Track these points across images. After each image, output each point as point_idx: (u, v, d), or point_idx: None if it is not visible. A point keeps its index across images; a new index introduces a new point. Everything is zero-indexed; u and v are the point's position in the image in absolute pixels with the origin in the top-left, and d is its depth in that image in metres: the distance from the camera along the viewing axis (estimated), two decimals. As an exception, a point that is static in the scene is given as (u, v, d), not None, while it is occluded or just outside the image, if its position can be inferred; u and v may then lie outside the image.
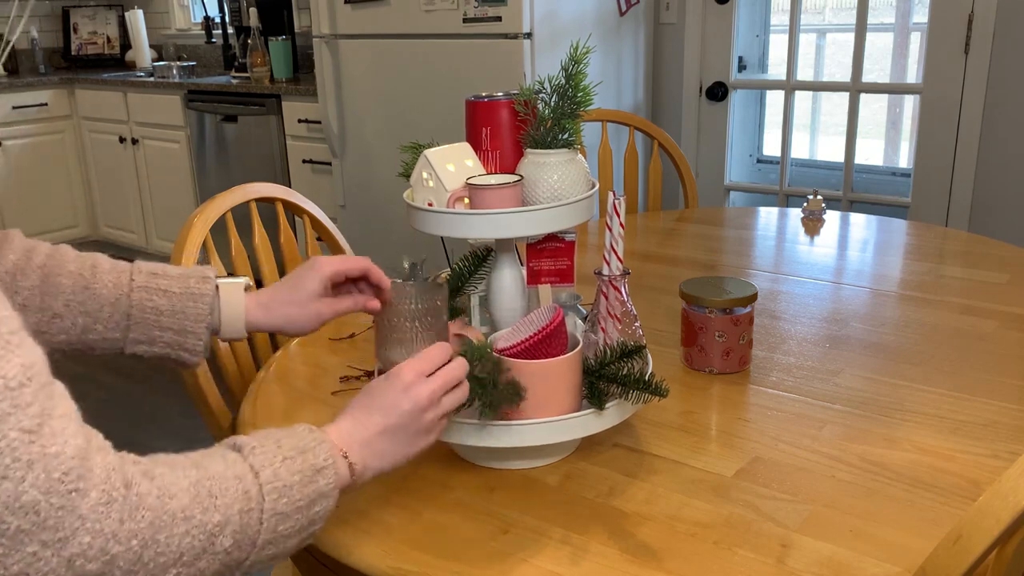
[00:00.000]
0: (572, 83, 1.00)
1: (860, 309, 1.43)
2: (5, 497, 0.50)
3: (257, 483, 0.66)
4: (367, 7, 2.94)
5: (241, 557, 0.65)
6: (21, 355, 0.52)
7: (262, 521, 0.65)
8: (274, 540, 0.67)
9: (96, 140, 4.47)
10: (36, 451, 0.51)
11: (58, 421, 0.53)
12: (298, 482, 0.68)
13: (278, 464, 0.68)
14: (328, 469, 0.71)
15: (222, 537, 0.62)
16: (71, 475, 0.53)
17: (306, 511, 0.69)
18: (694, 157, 3.19)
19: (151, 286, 0.88)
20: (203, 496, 0.62)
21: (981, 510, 0.62)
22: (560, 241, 1.05)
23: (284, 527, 0.67)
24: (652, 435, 1.05)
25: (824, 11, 3.39)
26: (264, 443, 0.69)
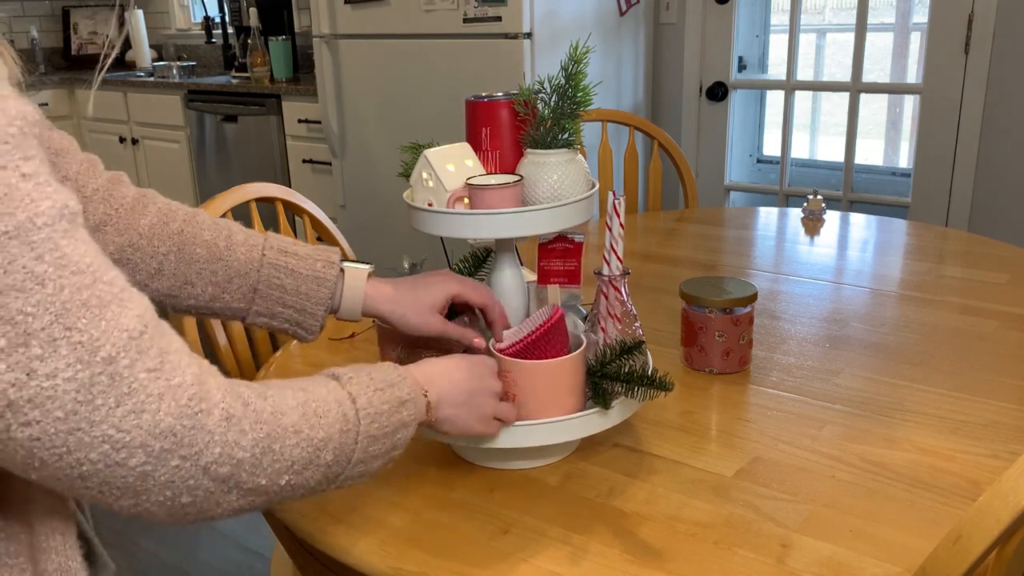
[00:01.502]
0: (572, 83, 1.00)
1: (860, 309, 1.43)
2: (148, 426, 0.59)
3: (354, 408, 0.75)
4: (367, 7, 2.94)
5: (338, 471, 0.73)
6: (134, 307, 0.60)
7: (357, 441, 0.74)
8: (364, 459, 0.75)
9: (96, 140, 4.46)
10: (163, 385, 0.60)
11: (174, 356, 0.62)
12: (387, 410, 0.77)
13: (371, 393, 0.77)
14: (411, 402, 0.80)
15: (325, 452, 0.71)
16: (195, 399, 0.61)
17: (391, 436, 0.77)
18: (694, 157, 3.19)
19: (280, 264, 0.96)
20: (310, 415, 0.71)
21: (981, 510, 0.62)
22: (569, 242, 1.05)
23: (374, 448, 0.76)
24: (652, 435, 1.05)
25: (824, 11, 3.39)
26: (358, 375, 0.78)
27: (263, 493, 0.68)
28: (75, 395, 0.56)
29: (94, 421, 0.57)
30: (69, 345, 0.56)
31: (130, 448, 0.59)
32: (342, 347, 1.35)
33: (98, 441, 0.58)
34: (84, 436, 0.57)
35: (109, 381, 0.57)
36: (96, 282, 0.58)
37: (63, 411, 0.56)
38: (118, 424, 0.58)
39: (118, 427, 0.58)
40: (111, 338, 0.58)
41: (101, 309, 0.58)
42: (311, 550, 0.93)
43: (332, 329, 1.42)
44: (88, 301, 0.57)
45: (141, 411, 0.59)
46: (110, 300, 0.59)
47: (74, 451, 0.57)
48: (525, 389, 0.92)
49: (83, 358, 0.56)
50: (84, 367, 0.56)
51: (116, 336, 0.58)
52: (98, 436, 0.57)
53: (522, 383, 0.92)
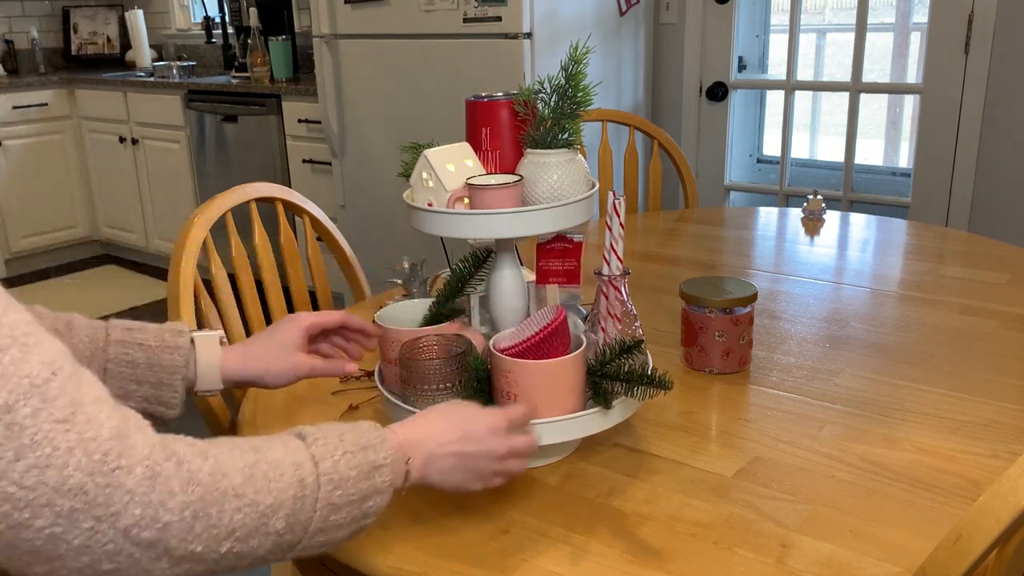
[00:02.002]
0: (572, 83, 1.00)
1: (860, 309, 1.43)
2: (54, 483, 0.54)
3: (315, 472, 0.68)
4: (367, 7, 2.94)
5: (293, 540, 0.67)
6: (40, 352, 0.56)
7: (316, 509, 0.68)
8: (325, 529, 0.69)
9: (96, 140, 4.46)
10: (73, 438, 0.55)
11: (91, 407, 0.57)
12: (354, 476, 0.71)
13: (338, 456, 0.70)
14: (386, 468, 0.73)
15: (275, 519, 0.65)
16: (111, 455, 0.57)
17: (359, 505, 0.71)
18: (694, 157, 3.19)
19: (127, 340, 0.90)
20: (258, 478, 0.65)
21: (981, 510, 0.62)
22: (568, 242, 1.05)
23: (336, 518, 0.69)
24: (652, 435, 1.05)
25: (824, 11, 3.39)
26: (327, 435, 0.72)
27: (200, 561, 0.62)
28: None
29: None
30: None
31: (34, 507, 0.54)
32: (342, 347, 1.35)
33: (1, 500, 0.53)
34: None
35: (6, 431, 0.53)
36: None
37: None
38: (19, 480, 0.53)
39: (19, 483, 0.53)
40: (8, 383, 0.53)
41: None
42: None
43: (332, 329, 1.42)
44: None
45: (46, 465, 0.54)
46: (8, 344, 0.54)
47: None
48: (527, 389, 0.92)
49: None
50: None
51: (15, 382, 0.54)
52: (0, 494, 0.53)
53: (523, 383, 0.92)
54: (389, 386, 1.04)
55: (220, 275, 1.43)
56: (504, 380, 0.93)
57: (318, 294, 1.63)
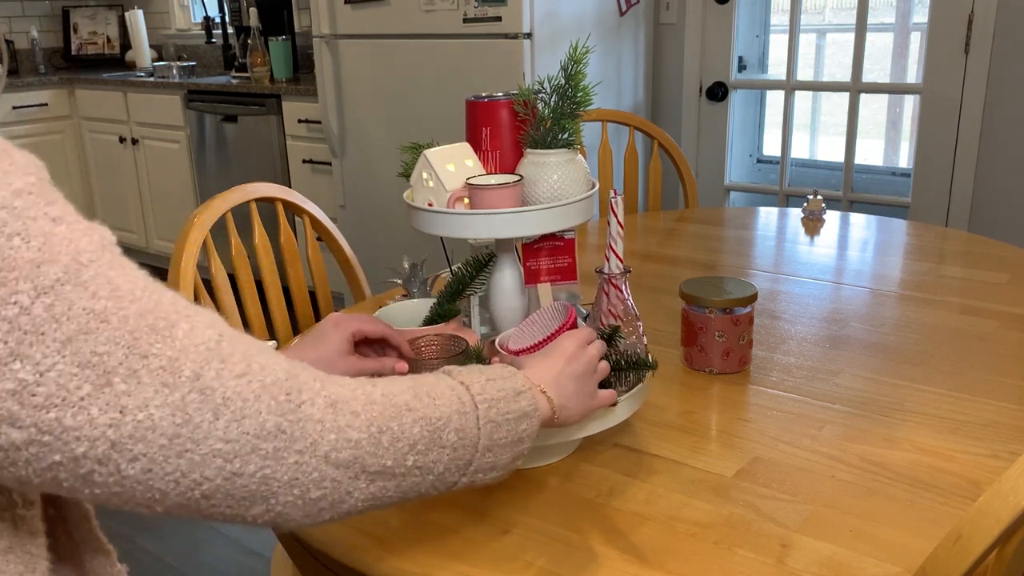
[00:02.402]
0: (572, 83, 1.00)
1: (860, 309, 1.43)
2: (254, 430, 0.59)
3: (469, 394, 0.73)
4: (367, 7, 2.94)
5: (467, 458, 0.71)
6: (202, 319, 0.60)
7: (479, 426, 0.72)
8: (492, 447, 0.73)
9: (96, 140, 4.47)
10: (257, 387, 0.59)
11: (260, 356, 0.61)
12: (503, 397, 0.75)
13: (484, 382, 0.75)
14: (526, 393, 0.77)
15: (447, 431, 0.69)
16: (292, 393, 0.61)
17: (515, 424, 0.75)
18: (694, 157, 3.19)
19: None
20: (422, 395, 0.69)
21: (981, 510, 0.62)
22: (559, 240, 1.05)
23: (499, 435, 0.73)
24: (652, 435, 1.05)
25: (824, 11, 3.39)
26: (469, 368, 0.77)
27: (391, 476, 0.66)
28: (172, 419, 0.56)
29: (198, 439, 0.57)
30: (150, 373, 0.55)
31: (243, 456, 0.59)
32: (342, 347, 1.35)
33: (209, 457, 0.57)
34: (194, 456, 0.57)
35: (200, 397, 0.57)
36: (157, 305, 0.58)
37: (166, 437, 0.56)
38: (223, 436, 0.58)
39: (224, 439, 0.58)
40: (190, 355, 0.57)
41: (171, 329, 0.57)
42: (311, 550, 0.93)
43: (332, 329, 1.42)
44: (155, 325, 0.57)
45: (242, 417, 0.58)
46: (177, 319, 0.58)
47: (188, 473, 0.57)
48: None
49: (168, 381, 0.56)
50: (171, 390, 0.56)
51: (194, 351, 0.58)
52: (207, 452, 0.57)
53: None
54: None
55: (220, 275, 1.43)
56: None
57: (318, 294, 1.63)
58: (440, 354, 1.00)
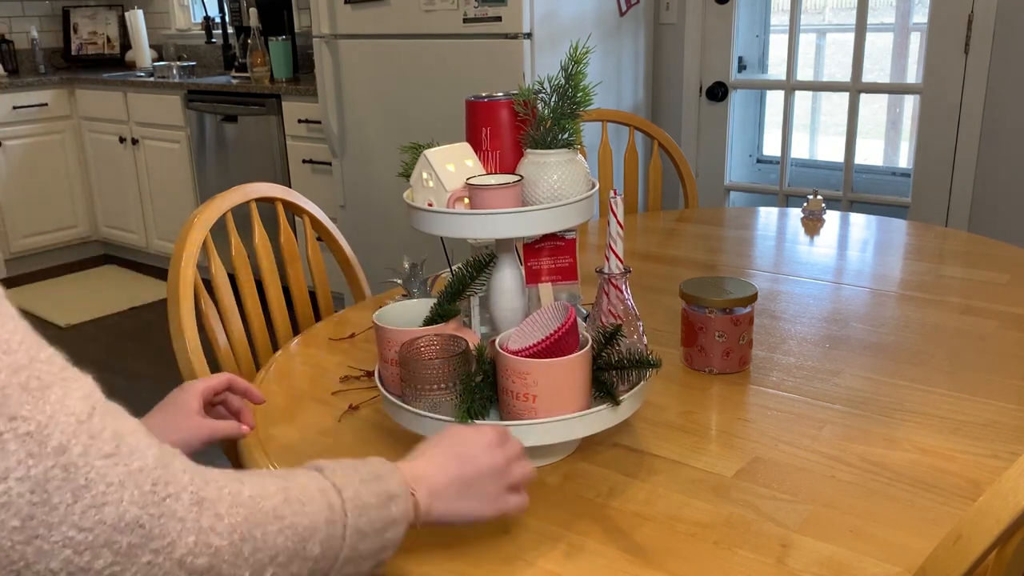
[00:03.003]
0: (572, 83, 1.00)
1: (860, 309, 1.43)
2: (111, 520, 0.53)
3: (340, 499, 0.68)
4: (367, 7, 2.94)
5: (326, 568, 0.67)
6: (77, 387, 0.55)
7: (345, 537, 0.68)
8: (352, 558, 0.69)
9: (96, 140, 4.47)
10: (122, 471, 0.54)
11: (131, 437, 0.56)
12: (375, 504, 0.71)
13: (358, 484, 0.70)
14: (400, 498, 0.73)
15: (312, 543, 0.65)
16: (159, 484, 0.56)
17: (381, 534, 0.71)
18: (694, 157, 3.19)
19: None
20: (292, 500, 0.65)
21: (981, 510, 0.62)
22: (560, 239, 1.05)
23: (363, 546, 0.69)
24: (652, 435, 1.05)
25: (824, 11, 3.39)
26: (343, 466, 0.72)
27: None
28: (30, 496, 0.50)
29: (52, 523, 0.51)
30: (16, 439, 0.50)
31: (94, 549, 0.53)
32: (342, 346, 1.35)
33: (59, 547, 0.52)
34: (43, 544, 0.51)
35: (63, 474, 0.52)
36: (32, 362, 0.52)
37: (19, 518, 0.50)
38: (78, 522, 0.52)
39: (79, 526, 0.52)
40: (59, 424, 0.52)
41: (43, 391, 0.52)
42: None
43: (332, 329, 1.42)
44: (27, 384, 0.51)
45: (102, 504, 0.53)
46: (51, 381, 0.53)
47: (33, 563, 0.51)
48: (548, 390, 0.92)
49: (33, 451, 0.50)
50: (36, 461, 0.50)
51: (64, 421, 0.52)
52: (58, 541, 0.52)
53: (545, 383, 0.91)
54: (388, 387, 1.04)
55: (220, 275, 1.43)
56: (520, 382, 0.91)
57: (318, 294, 1.63)
58: (440, 354, 1.00)
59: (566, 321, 0.93)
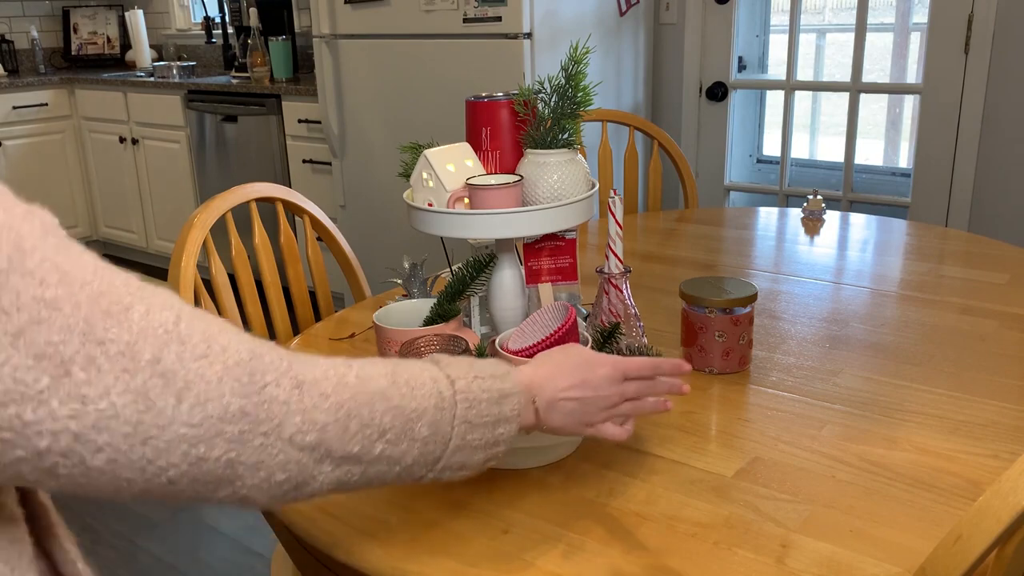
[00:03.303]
0: (572, 83, 1.00)
1: (860, 309, 1.43)
2: (218, 413, 0.58)
3: (452, 389, 0.71)
4: (367, 7, 2.94)
5: (436, 453, 0.70)
6: (159, 300, 0.58)
7: (453, 425, 0.71)
8: (462, 447, 0.72)
9: (96, 140, 4.47)
10: (219, 368, 0.58)
11: (222, 337, 0.60)
12: (486, 399, 0.73)
13: (470, 379, 0.73)
14: (514, 397, 0.76)
15: (420, 425, 0.68)
16: (256, 374, 0.60)
17: (492, 428, 0.74)
18: (694, 157, 3.19)
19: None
20: (400, 384, 0.68)
21: (981, 510, 0.62)
22: (560, 240, 1.05)
23: (472, 437, 0.72)
24: (652, 435, 1.05)
25: (824, 11, 3.39)
26: (459, 361, 0.75)
27: (358, 462, 0.65)
28: (134, 406, 0.54)
29: (163, 425, 0.56)
30: (109, 359, 0.54)
31: (207, 440, 0.58)
32: (342, 346, 1.35)
33: (175, 443, 0.56)
34: (158, 442, 0.56)
35: (162, 381, 0.56)
36: (110, 287, 0.56)
37: (129, 425, 0.54)
38: (187, 420, 0.57)
39: (188, 423, 0.57)
40: (148, 338, 0.56)
41: (126, 313, 0.55)
42: (311, 550, 0.93)
43: (332, 329, 1.42)
44: (109, 309, 0.55)
45: (205, 400, 0.57)
46: (131, 301, 0.56)
47: (154, 460, 0.56)
48: None
49: (128, 367, 0.54)
50: (132, 376, 0.54)
51: (152, 334, 0.56)
52: (172, 438, 0.56)
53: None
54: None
55: (220, 275, 1.43)
56: None
57: (318, 294, 1.63)
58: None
59: (566, 321, 0.93)
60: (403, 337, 1.01)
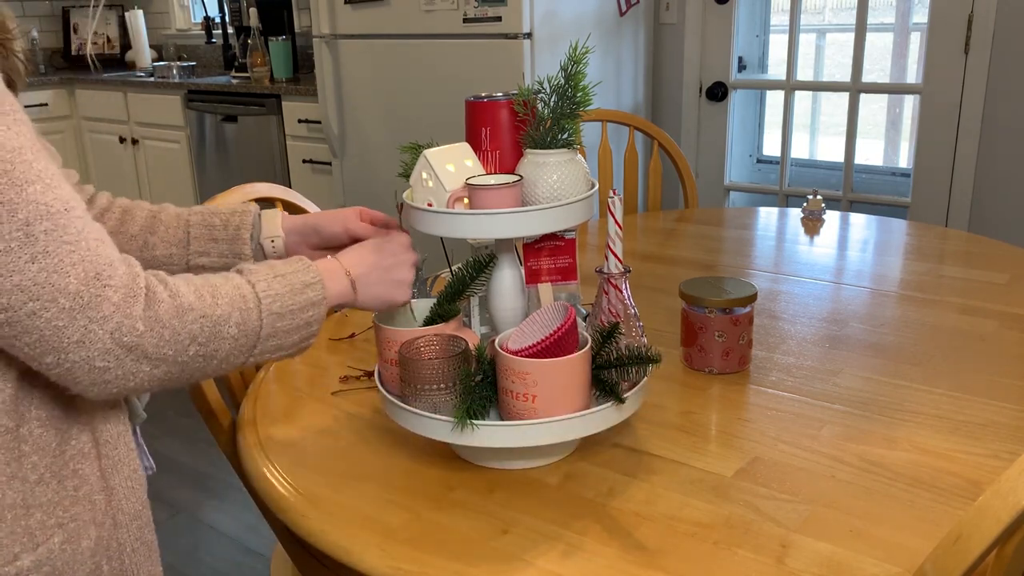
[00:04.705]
0: (572, 83, 1.00)
1: (860, 309, 1.43)
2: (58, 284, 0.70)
3: (254, 291, 0.85)
4: (367, 7, 2.94)
5: (249, 343, 0.84)
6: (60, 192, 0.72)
7: (261, 318, 0.84)
8: (275, 334, 0.86)
9: (96, 140, 4.47)
10: (77, 257, 0.71)
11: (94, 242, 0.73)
12: (288, 292, 0.87)
13: (271, 278, 0.87)
14: (315, 284, 0.90)
15: (228, 326, 0.81)
16: (103, 275, 0.73)
17: (300, 313, 0.88)
18: (694, 157, 3.19)
19: (205, 211, 1.12)
20: (206, 296, 0.81)
21: (981, 510, 0.62)
22: (560, 239, 1.05)
23: (281, 324, 0.86)
24: (652, 435, 1.05)
25: (824, 11, 3.39)
26: (261, 266, 0.89)
27: (174, 363, 0.78)
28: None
29: (11, 271, 0.69)
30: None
31: (42, 300, 0.70)
32: (341, 346, 1.35)
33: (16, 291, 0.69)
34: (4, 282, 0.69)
35: (24, 239, 0.69)
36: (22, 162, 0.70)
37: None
38: (33, 277, 0.69)
39: (32, 279, 0.69)
40: (28, 207, 0.69)
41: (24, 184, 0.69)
42: (311, 550, 0.93)
43: (332, 329, 1.42)
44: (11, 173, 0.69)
45: (53, 271, 0.70)
46: (34, 179, 0.70)
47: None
48: (548, 389, 0.92)
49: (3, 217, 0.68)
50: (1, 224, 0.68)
51: (34, 207, 0.70)
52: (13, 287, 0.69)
53: (545, 383, 0.91)
54: (388, 387, 1.04)
55: (220, 275, 1.43)
56: (520, 382, 0.92)
57: (318, 294, 1.63)
58: (440, 354, 1.00)
59: (566, 321, 0.93)
60: (403, 337, 1.01)
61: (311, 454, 1.03)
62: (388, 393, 1.00)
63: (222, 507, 2.44)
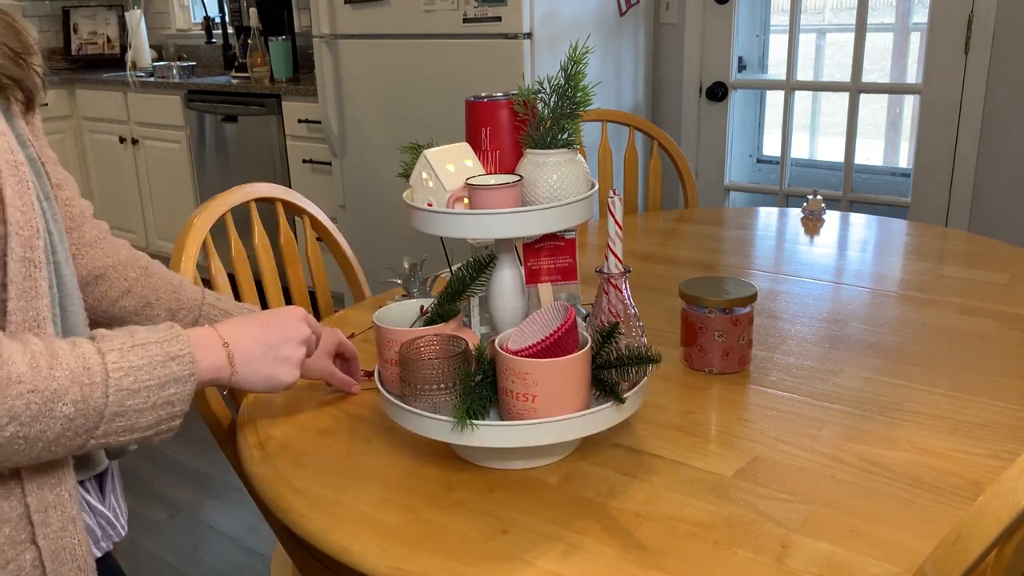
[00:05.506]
0: (571, 83, 1.00)
1: (860, 309, 1.43)
2: None
3: (103, 363, 0.74)
4: (367, 7, 2.94)
5: (89, 424, 0.73)
6: None
7: (107, 395, 0.73)
8: (124, 412, 0.75)
9: (96, 140, 4.47)
10: None
11: None
12: (146, 365, 0.76)
13: (128, 348, 0.76)
14: (183, 358, 0.79)
15: (62, 404, 0.71)
16: None
17: (158, 391, 0.77)
18: (694, 157, 3.19)
19: (216, 305, 1.12)
20: (42, 366, 0.70)
21: (981, 510, 0.62)
22: (560, 239, 1.05)
23: (133, 402, 0.75)
24: (652, 435, 1.05)
25: (824, 11, 3.39)
26: (118, 333, 0.78)
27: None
28: None
29: None
30: None
31: None
32: (342, 347, 1.35)
33: None
34: None
35: None
36: None
37: None
38: None
39: None
40: None
41: None
42: (311, 550, 0.93)
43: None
44: None
45: None
46: None
47: None
48: (548, 389, 0.92)
49: None
50: None
51: None
52: None
53: (545, 383, 0.91)
54: (388, 387, 1.04)
55: (220, 275, 1.43)
56: (520, 382, 0.92)
57: (318, 294, 1.63)
58: (440, 354, 1.00)
59: (566, 321, 0.93)
60: (403, 337, 1.01)
61: (311, 454, 1.03)
62: (388, 393, 1.00)
63: (222, 507, 2.44)
